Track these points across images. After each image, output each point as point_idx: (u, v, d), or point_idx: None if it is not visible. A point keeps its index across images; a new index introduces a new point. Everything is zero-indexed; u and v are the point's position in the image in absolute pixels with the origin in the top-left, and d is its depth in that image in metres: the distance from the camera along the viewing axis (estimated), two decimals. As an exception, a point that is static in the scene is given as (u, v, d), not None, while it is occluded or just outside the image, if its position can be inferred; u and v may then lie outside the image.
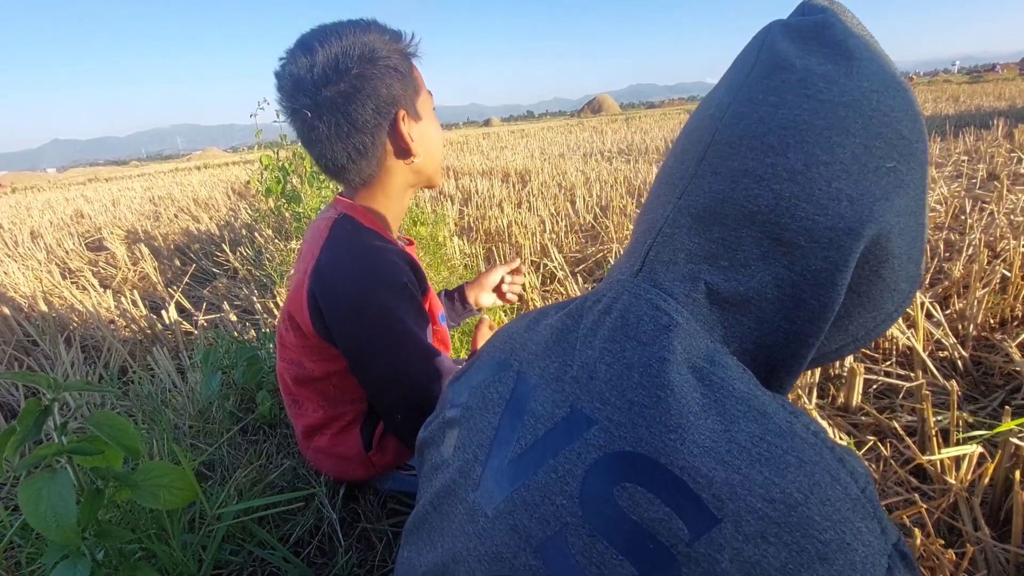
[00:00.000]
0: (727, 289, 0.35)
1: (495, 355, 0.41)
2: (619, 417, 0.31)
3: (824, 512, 0.26)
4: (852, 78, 0.33)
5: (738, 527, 0.26)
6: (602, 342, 0.35)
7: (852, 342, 0.39)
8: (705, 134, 0.36)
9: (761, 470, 0.27)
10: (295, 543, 0.86)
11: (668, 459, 0.28)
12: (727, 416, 0.29)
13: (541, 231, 2.95)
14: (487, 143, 12.21)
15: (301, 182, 3.08)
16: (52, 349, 2.02)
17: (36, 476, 0.56)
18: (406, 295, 0.77)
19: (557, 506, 0.30)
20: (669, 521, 0.27)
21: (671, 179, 0.38)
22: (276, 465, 0.97)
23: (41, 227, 5.51)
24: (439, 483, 0.39)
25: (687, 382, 0.31)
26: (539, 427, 0.34)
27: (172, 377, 1.49)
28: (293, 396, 0.89)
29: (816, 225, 0.33)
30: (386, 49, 0.75)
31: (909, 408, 1.23)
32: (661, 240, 0.36)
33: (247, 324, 2.05)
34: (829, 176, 0.33)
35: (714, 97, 0.38)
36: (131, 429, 0.61)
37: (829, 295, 0.34)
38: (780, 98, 0.33)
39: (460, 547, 0.34)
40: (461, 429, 0.39)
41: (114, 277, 3.22)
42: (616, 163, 5.75)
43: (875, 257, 0.35)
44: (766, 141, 0.33)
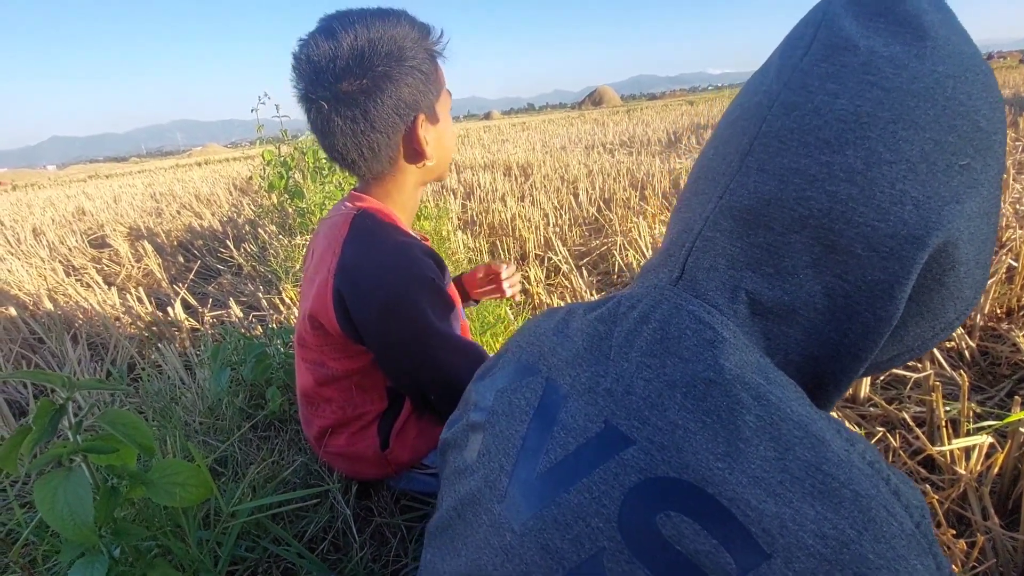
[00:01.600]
0: (771, 298, 0.32)
1: (521, 357, 0.39)
2: (661, 439, 0.29)
3: (878, 550, 0.25)
4: (924, 61, 0.29)
5: (788, 564, 0.25)
6: (639, 355, 0.32)
7: (906, 352, 0.36)
8: (750, 124, 0.32)
9: (814, 504, 0.26)
10: (309, 539, 0.87)
11: (716, 489, 0.27)
12: (782, 443, 0.27)
13: (545, 224, 2.95)
14: (488, 136, 12.17)
15: (303, 177, 3.07)
16: (59, 347, 2.03)
17: (52, 474, 0.56)
18: (434, 290, 0.76)
19: (593, 528, 0.29)
20: (716, 554, 0.26)
21: (711, 174, 0.35)
22: (288, 461, 0.97)
23: (43, 224, 5.51)
24: (464, 489, 0.37)
25: (738, 403, 0.29)
26: (570, 441, 0.32)
27: (180, 374, 1.50)
28: (310, 398, 0.88)
29: (875, 232, 0.30)
30: (414, 48, 0.73)
31: (917, 399, 1.23)
32: (701, 244, 0.33)
33: (253, 320, 2.06)
34: (893, 177, 0.29)
35: (761, 81, 0.34)
36: (144, 427, 0.61)
37: (887, 308, 0.31)
38: (839, 85, 0.30)
39: (485, 560, 0.33)
40: (486, 435, 0.37)
41: (118, 274, 3.22)
42: (618, 155, 5.73)
43: (940, 265, 0.31)
44: (821, 136, 0.30)
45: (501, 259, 2.50)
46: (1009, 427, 0.96)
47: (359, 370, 0.82)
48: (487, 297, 1.18)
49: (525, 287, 2.17)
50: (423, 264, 0.76)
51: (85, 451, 0.58)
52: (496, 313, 1.73)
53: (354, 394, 0.84)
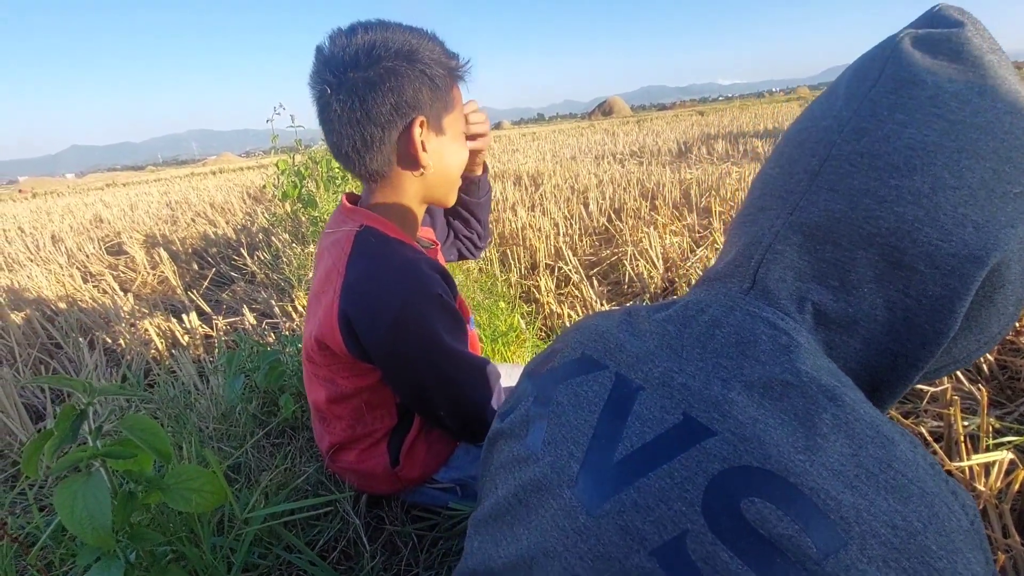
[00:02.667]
0: (836, 310, 0.35)
1: (585, 352, 0.41)
2: (743, 432, 0.31)
3: (940, 542, 0.27)
4: (985, 98, 0.33)
5: (863, 550, 0.27)
6: (714, 356, 0.35)
7: (952, 363, 0.38)
8: (820, 147, 0.35)
9: (887, 497, 0.28)
10: (321, 548, 0.87)
11: (798, 479, 0.29)
12: (855, 440, 0.30)
13: (555, 234, 2.95)
14: (498, 146, 12.24)
15: (317, 186, 3.11)
16: (75, 352, 2.06)
17: (72, 479, 0.57)
18: (443, 306, 0.75)
19: (675, 511, 0.31)
20: (798, 538, 0.28)
21: (779, 191, 0.37)
22: (300, 469, 0.98)
23: (62, 231, 5.62)
24: (526, 476, 0.38)
25: (815, 403, 0.31)
26: (647, 431, 0.34)
27: (194, 380, 1.51)
28: (323, 414, 0.87)
29: (938, 251, 0.32)
30: (428, 56, 0.73)
31: (935, 413, 1.21)
32: (771, 257, 0.36)
33: (266, 327, 2.08)
34: (956, 201, 0.32)
35: (830, 107, 0.37)
36: (162, 432, 0.61)
37: (945, 322, 0.34)
38: (908, 116, 0.33)
39: (553, 542, 0.34)
40: (551, 425, 0.39)
41: (134, 281, 3.27)
42: (629, 165, 5.74)
43: (991, 283, 0.34)
44: (891, 161, 0.33)
45: (513, 268, 2.51)
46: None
47: (369, 387, 0.81)
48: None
49: (536, 297, 2.18)
50: (430, 280, 0.74)
51: (104, 456, 0.59)
52: (508, 322, 1.73)
53: (364, 412, 0.83)
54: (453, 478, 0.91)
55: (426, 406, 0.82)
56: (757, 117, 12.41)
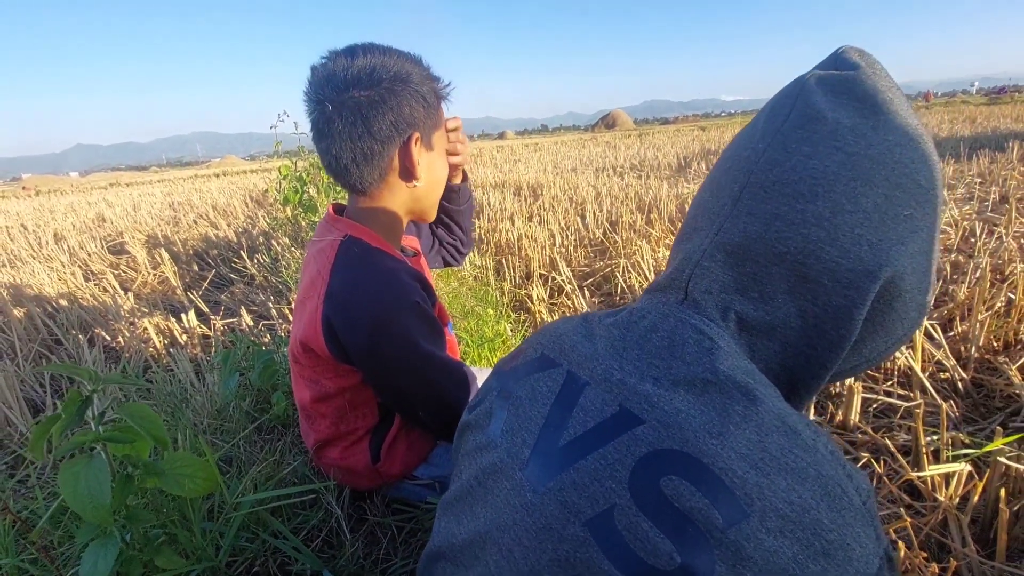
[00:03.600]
0: (756, 318, 0.40)
1: (544, 352, 0.46)
2: (667, 420, 0.35)
3: (831, 517, 0.32)
4: (878, 132, 0.37)
5: (762, 521, 0.31)
6: (649, 357, 0.39)
7: (865, 362, 0.43)
8: (740, 175, 0.40)
9: (786, 477, 0.32)
10: (305, 535, 0.90)
11: (710, 460, 0.33)
12: (762, 428, 0.34)
13: (551, 244, 3.00)
14: (501, 156, 12.32)
15: (318, 192, 3.16)
16: (75, 348, 2.10)
17: (76, 460, 0.61)
18: (420, 313, 0.79)
19: (606, 488, 0.35)
20: (707, 511, 0.32)
21: (707, 214, 0.42)
22: (289, 462, 1.02)
23: (64, 230, 5.66)
24: (486, 461, 0.43)
25: (730, 397, 0.36)
26: (588, 420, 0.38)
27: (190, 377, 1.55)
28: (308, 412, 0.92)
29: (839, 267, 0.37)
30: (420, 78, 0.79)
31: (906, 428, 1.25)
32: (699, 272, 0.41)
33: (263, 328, 2.12)
34: (852, 223, 0.37)
35: (749, 138, 0.42)
36: (159, 421, 0.66)
37: (847, 327, 0.39)
38: (812, 148, 0.37)
39: (505, 518, 0.39)
40: (509, 415, 0.44)
41: (134, 280, 3.31)
42: (628, 178, 5.80)
43: (889, 293, 0.39)
44: (797, 189, 0.37)
45: (508, 277, 2.55)
46: (990, 456, 0.98)
47: (351, 388, 0.85)
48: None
49: (528, 306, 2.22)
50: (409, 288, 0.79)
51: (106, 440, 0.63)
52: (495, 329, 1.77)
53: (347, 411, 0.88)
54: (432, 475, 0.95)
55: (405, 406, 0.86)
56: (757, 134, 12.48)
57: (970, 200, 3.33)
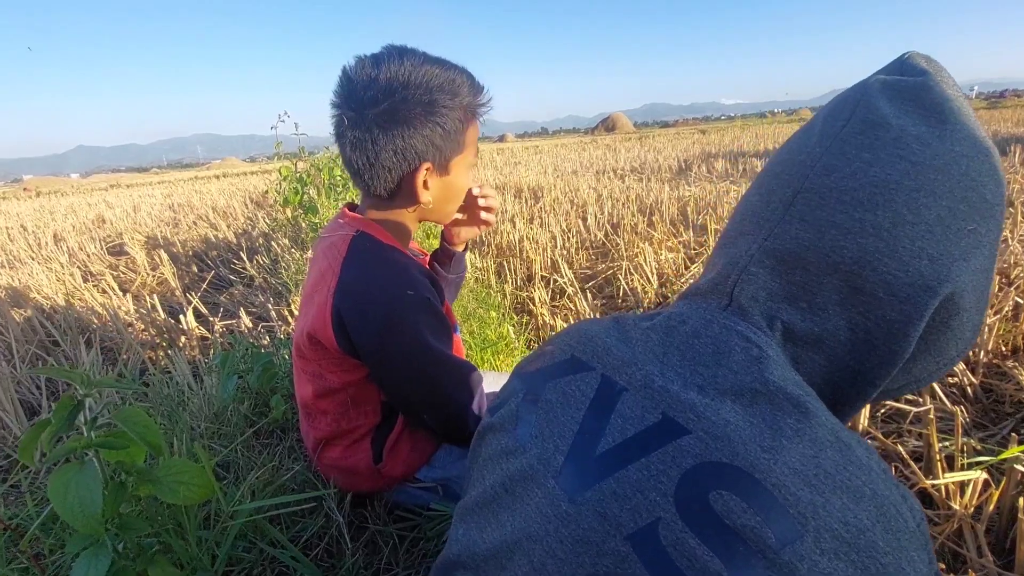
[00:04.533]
0: (803, 329, 0.38)
1: (574, 354, 0.44)
2: (715, 431, 0.33)
3: (887, 540, 0.30)
4: (945, 141, 0.35)
5: (817, 542, 0.29)
6: (692, 364, 0.38)
7: (913, 382, 0.41)
8: (794, 180, 0.38)
9: (841, 496, 0.31)
10: (304, 544, 0.88)
11: (762, 475, 0.31)
12: (816, 443, 0.32)
13: (552, 247, 2.98)
14: (501, 158, 12.32)
15: (318, 193, 3.15)
16: (73, 350, 2.08)
17: (66, 467, 0.59)
18: (431, 310, 0.79)
19: (650, 501, 0.33)
20: (759, 529, 0.30)
21: (756, 218, 0.41)
22: (288, 468, 0.99)
23: (64, 231, 5.65)
24: (513, 467, 0.41)
25: (780, 409, 0.34)
26: (628, 427, 0.36)
27: (188, 380, 1.53)
28: (309, 409, 0.90)
29: (896, 280, 0.35)
30: (449, 104, 0.75)
31: (916, 433, 1.23)
32: (746, 278, 0.39)
33: (262, 330, 2.09)
34: (914, 235, 0.35)
35: (805, 142, 0.40)
36: (154, 426, 0.63)
37: (900, 344, 0.37)
38: (874, 155, 0.36)
39: (536, 528, 0.37)
40: (540, 419, 0.41)
41: (133, 281, 3.29)
42: (628, 181, 5.79)
43: (946, 311, 0.37)
44: (856, 196, 0.35)
45: (509, 278, 2.53)
46: (1005, 464, 0.95)
47: (355, 383, 0.84)
48: (466, 232, 1.02)
49: (529, 308, 2.20)
50: (420, 285, 0.78)
51: (98, 446, 0.61)
52: (498, 332, 1.75)
53: (349, 407, 0.86)
54: (435, 478, 0.93)
55: (409, 404, 0.84)
56: (758, 137, 12.52)
57: (974, 203, 3.31)
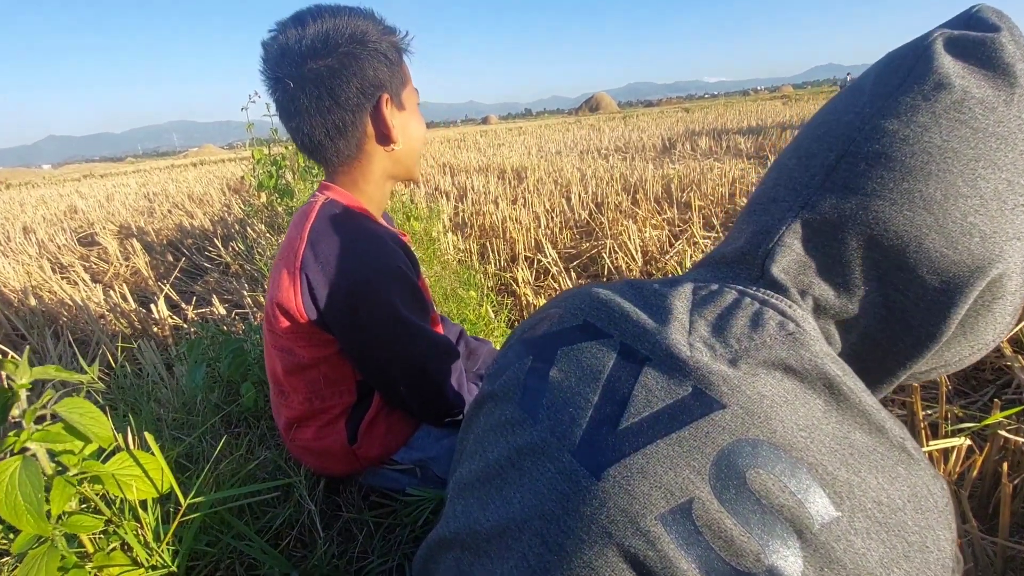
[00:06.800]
0: (837, 305, 0.35)
1: (587, 319, 0.40)
2: (752, 407, 0.31)
3: (916, 519, 0.29)
4: (1012, 107, 0.32)
5: (852, 522, 0.29)
6: (723, 335, 0.35)
7: (944, 366, 0.39)
8: (838, 142, 0.35)
9: (876, 476, 0.30)
10: (275, 535, 0.85)
11: (800, 453, 0.30)
12: (845, 424, 0.31)
13: (536, 227, 2.95)
14: (484, 140, 12.19)
15: (294, 176, 3.07)
16: (40, 343, 2.01)
17: (5, 463, 0.55)
18: (404, 280, 0.76)
19: (683, 479, 0.31)
20: (798, 509, 0.29)
21: (792, 183, 0.37)
22: (257, 456, 0.96)
23: (34, 223, 5.48)
24: (521, 440, 0.37)
25: (813, 388, 0.32)
26: (654, 400, 0.34)
27: (159, 370, 1.48)
28: (281, 387, 0.87)
29: (943, 258, 0.33)
30: (377, 35, 0.75)
31: (899, 402, 1.22)
32: (779, 249, 0.36)
33: (236, 317, 2.04)
34: (966, 210, 0.32)
35: (854, 101, 0.36)
36: (102, 417, 0.59)
37: (940, 326, 0.34)
38: (931, 119, 0.32)
39: (551, 506, 0.34)
40: (552, 389, 0.38)
41: (106, 272, 3.20)
42: (612, 160, 5.74)
43: (991, 293, 0.34)
44: (907, 164, 0.32)
45: (492, 259, 2.49)
46: (988, 430, 0.95)
47: (327, 359, 0.81)
48: None
49: (513, 288, 2.17)
50: (393, 254, 0.76)
51: (39, 441, 0.57)
52: (478, 312, 1.72)
53: (322, 386, 0.83)
54: (414, 459, 0.90)
55: (384, 378, 0.81)
56: (741, 114, 12.51)
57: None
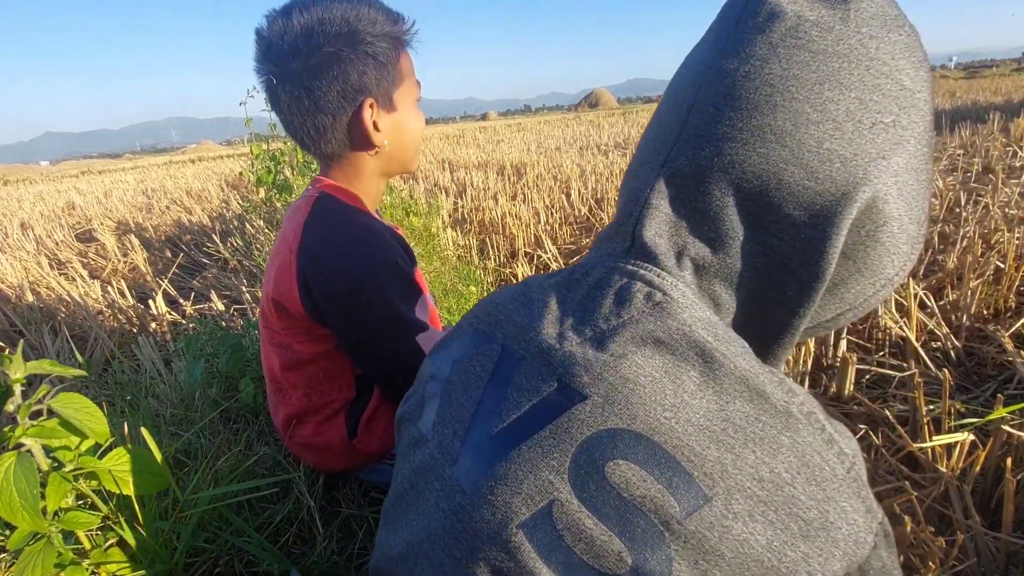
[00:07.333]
0: (714, 262, 0.33)
1: (479, 327, 0.39)
2: (612, 394, 0.30)
3: (809, 492, 0.27)
4: (849, 24, 0.30)
5: (728, 506, 0.26)
6: (592, 319, 0.33)
7: (849, 310, 0.37)
8: (688, 93, 0.33)
9: (754, 450, 0.27)
10: (274, 531, 0.84)
11: (663, 437, 0.28)
12: (724, 394, 0.29)
13: (535, 222, 2.94)
14: (483, 136, 12.16)
15: (292, 172, 3.05)
16: (37, 339, 2.00)
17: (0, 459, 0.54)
18: (399, 273, 0.75)
19: (543, 481, 0.29)
20: (661, 499, 0.27)
21: (654, 144, 0.36)
22: (256, 452, 0.95)
23: (32, 219, 5.46)
24: (418, 460, 0.37)
25: (685, 359, 0.30)
26: (523, 401, 0.32)
27: (157, 366, 1.47)
28: (278, 383, 0.86)
29: (806, 191, 0.31)
30: (372, 31, 0.71)
31: (902, 397, 1.22)
32: (647, 213, 0.34)
33: (234, 313, 2.03)
34: (820, 136, 0.30)
35: (699, 51, 0.35)
36: (98, 412, 0.59)
37: (819, 264, 0.32)
38: (769, 50, 0.31)
39: (435, 525, 0.33)
40: (441, 404, 0.37)
41: (104, 268, 3.19)
42: (612, 156, 5.72)
43: (871, 221, 0.32)
44: (752, 100, 0.31)
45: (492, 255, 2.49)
46: (991, 425, 0.95)
47: (325, 354, 0.80)
48: None
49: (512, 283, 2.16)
50: (388, 247, 0.75)
51: (34, 436, 0.56)
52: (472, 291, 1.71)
53: (320, 381, 0.82)
54: None
55: (382, 374, 0.81)
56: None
57: (953, 171, 3.33)
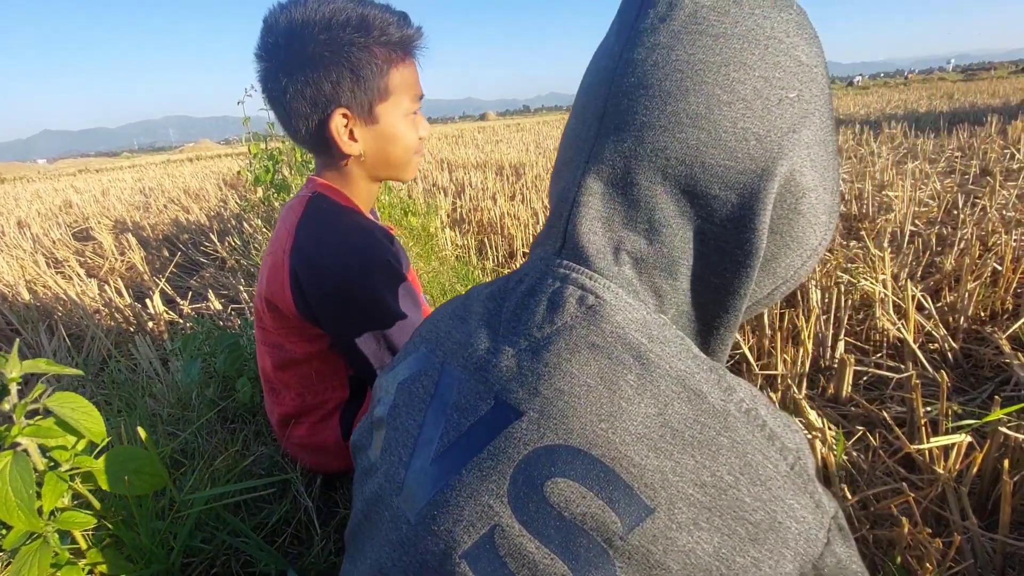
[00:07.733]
0: (652, 254, 0.33)
1: (421, 346, 0.38)
2: (548, 408, 0.29)
3: (754, 492, 0.26)
4: (742, 5, 0.31)
5: (671, 516, 0.25)
6: (527, 329, 0.32)
7: (783, 283, 0.37)
8: (602, 87, 0.34)
9: (694, 454, 0.27)
10: (271, 532, 0.84)
11: (600, 450, 0.27)
12: (660, 399, 0.28)
13: (534, 223, 2.93)
14: (482, 136, 12.15)
15: (290, 171, 3.04)
16: (34, 337, 1.99)
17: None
18: (392, 273, 0.75)
19: (484, 506, 0.28)
20: (602, 515, 0.26)
21: (576, 141, 0.35)
22: (253, 452, 0.95)
23: (29, 217, 5.44)
24: (368, 490, 0.36)
25: (620, 364, 0.29)
26: (463, 422, 0.31)
27: (155, 365, 1.47)
28: (272, 384, 0.86)
29: (728, 171, 0.31)
30: (360, 42, 0.68)
31: (899, 399, 1.22)
32: (577, 212, 0.34)
33: (232, 312, 2.02)
34: (734, 116, 0.31)
35: (606, 46, 0.35)
36: (95, 411, 0.58)
37: (751, 240, 0.33)
38: (672, 38, 0.31)
39: (384, 557, 0.32)
40: (388, 429, 0.36)
41: (101, 267, 3.17)
42: (611, 157, 5.73)
43: (791, 194, 0.33)
44: (664, 87, 0.31)
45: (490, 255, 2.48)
46: (988, 427, 0.95)
47: (318, 354, 0.80)
48: None
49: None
50: (380, 247, 0.75)
51: (30, 435, 0.56)
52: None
53: (314, 381, 0.82)
54: None
55: (374, 375, 0.80)
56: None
57: (951, 173, 3.34)
